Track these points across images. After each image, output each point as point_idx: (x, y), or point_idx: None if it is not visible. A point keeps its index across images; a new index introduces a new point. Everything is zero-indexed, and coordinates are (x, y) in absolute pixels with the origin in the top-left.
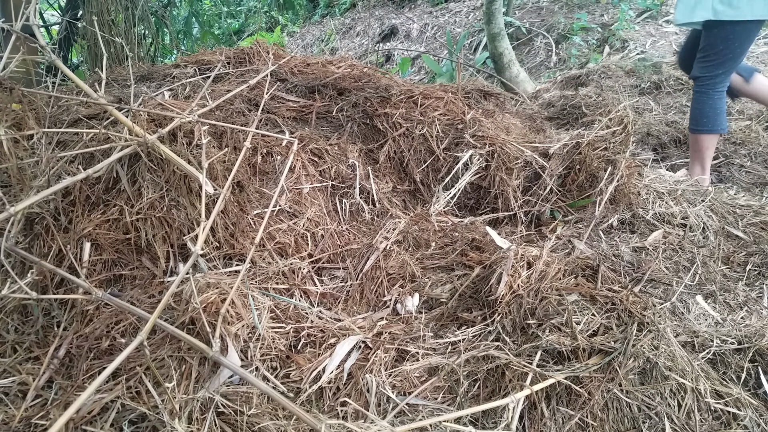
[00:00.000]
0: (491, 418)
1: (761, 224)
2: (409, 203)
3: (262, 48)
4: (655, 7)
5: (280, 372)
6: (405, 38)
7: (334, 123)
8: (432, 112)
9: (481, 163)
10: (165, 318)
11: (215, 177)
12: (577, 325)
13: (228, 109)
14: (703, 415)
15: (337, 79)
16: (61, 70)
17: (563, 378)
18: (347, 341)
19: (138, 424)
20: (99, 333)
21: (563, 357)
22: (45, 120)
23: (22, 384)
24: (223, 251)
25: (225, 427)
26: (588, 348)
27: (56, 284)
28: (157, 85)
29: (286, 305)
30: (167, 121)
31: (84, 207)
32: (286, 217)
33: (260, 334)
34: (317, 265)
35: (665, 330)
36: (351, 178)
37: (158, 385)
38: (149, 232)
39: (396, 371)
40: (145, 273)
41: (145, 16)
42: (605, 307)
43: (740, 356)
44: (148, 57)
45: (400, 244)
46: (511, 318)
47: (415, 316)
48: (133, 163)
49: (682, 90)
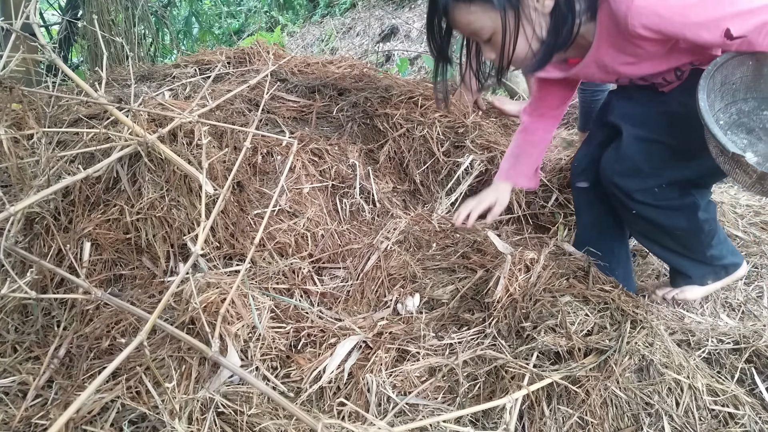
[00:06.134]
0: (491, 418)
1: (761, 224)
2: (409, 203)
3: (263, 48)
4: None
5: (280, 372)
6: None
7: (334, 123)
8: (433, 114)
9: (481, 167)
10: (165, 318)
11: (215, 177)
12: (571, 325)
13: (228, 109)
14: (701, 413)
15: (337, 79)
16: (62, 70)
17: (560, 378)
18: (348, 341)
19: (138, 424)
20: (99, 333)
21: (560, 357)
22: (45, 119)
23: (22, 384)
24: (223, 251)
25: (225, 427)
26: (584, 347)
27: (56, 284)
28: (158, 85)
29: (287, 305)
30: (167, 121)
31: (84, 207)
32: (287, 216)
33: (260, 334)
34: (317, 264)
35: (659, 327)
36: (351, 178)
37: (158, 385)
38: (149, 232)
39: (396, 371)
40: (145, 273)
41: (145, 16)
42: (598, 307)
43: (736, 356)
44: (148, 57)
45: (401, 244)
46: (507, 322)
47: (416, 317)
48: (134, 163)
49: None
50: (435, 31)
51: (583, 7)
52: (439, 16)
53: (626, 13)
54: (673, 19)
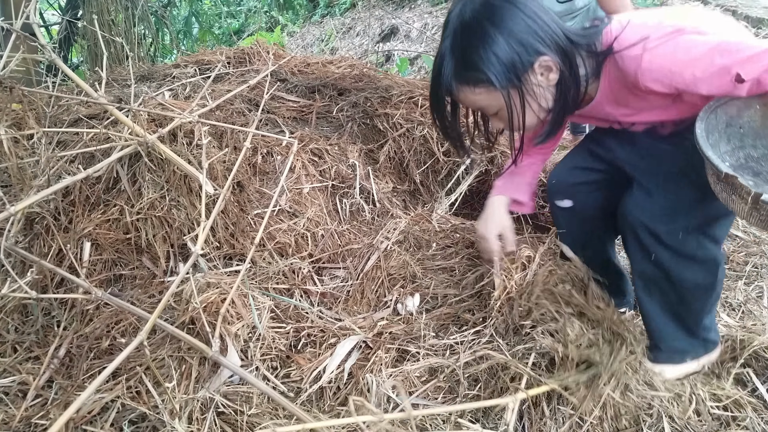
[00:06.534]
0: (491, 419)
1: None
2: (409, 203)
3: (263, 48)
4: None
5: (280, 372)
6: (405, 38)
7: (334, 123)
8: None
9: (481, 167)
10: (165, 318)
11: (215, 177)
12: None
13: (228, 109)
14: (703, 416)
15: (337, 79)
16: (62, 70)
17: (557, 386)
18: (348, 341)
19: (138, 424)
20: (99, 333)
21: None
22: (45, 119)
23: (22, 384)
24: (223, 251)
25: (225, 427)
26: (577, 358)
27: (56, 284)
28: (158, 85)
29: (287, 305)
30: (167, 121)
31: (84, 207)
32: (287, 216)
33: (260, 334)
34: (317, 264)
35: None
36: (351, 178)
37: (158, 385)
38: (149, 232)
39: (396, 371)
40: (145, 273)
41: (145, 16)
42: (592, 323)
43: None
44: (148, 57)
45: (400, 244)
46: (504, 319)
47: (416, 317)
48: (134, 163)
49: None
50: (440, 107)
51: (588, 72)
52: (443, 94)
53: (636, 71)
54: (684, 74)
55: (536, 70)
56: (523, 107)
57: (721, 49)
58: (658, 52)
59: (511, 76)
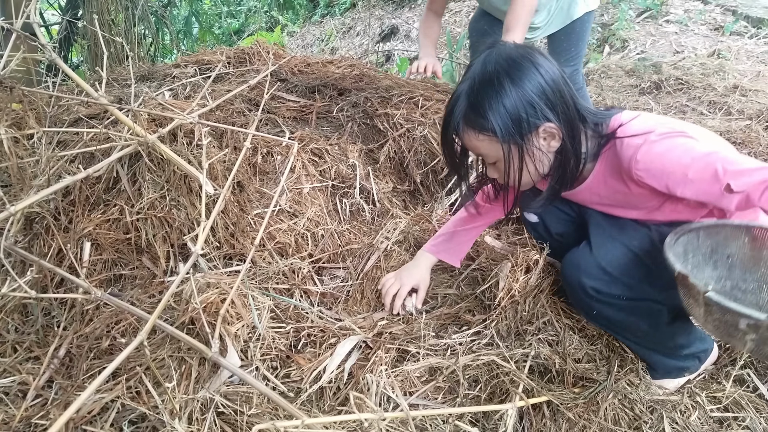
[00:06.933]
0: (491, 421)
1: None
2: (409, 203)
3: (263, 48)
4: (656, 7)
5: (280, 372)
6: (405, 38)
7: (334, 123)
8: (433, 114)
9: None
10: (165, 318)
11: (215, 177)
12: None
13: (228, 109)
14: (704, 418)
15: (337, 79)
16: (62, 70)
17: (554, 399)
18: (348, 341)
19: (138, 424)
20: (99, 333)
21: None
22: (45, 119)
23: (22, 384)
24: (223, 251)
25: (225, 427)
26: (573, 372)
27: (56, 284)
28: (158, 85)
29: (287, 305)
30: (167, 121)
31: (84, 207)
32: (287, 216)
33: (260, 334)
34: (317, 264)
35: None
36: (351, 178)
37: (158, 385)
38: (149, 232)
39: (396, 371)
40: (145, 273)
41: (145, 15)
42: (590, 338)
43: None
44: (148, 57)
45: (400, 244)
46: (507, 323)
47: (416, 317)
48: (134, 162)
49: (682, 90)
50: (450, 144)
51: (588, 151)
52: (451, 132)
53: (631, 159)
54: (677, 172)
55: (540, 134)
56: (520, 165)
57: (718, 158)
58: (657, 146)
59: (514, 131)
